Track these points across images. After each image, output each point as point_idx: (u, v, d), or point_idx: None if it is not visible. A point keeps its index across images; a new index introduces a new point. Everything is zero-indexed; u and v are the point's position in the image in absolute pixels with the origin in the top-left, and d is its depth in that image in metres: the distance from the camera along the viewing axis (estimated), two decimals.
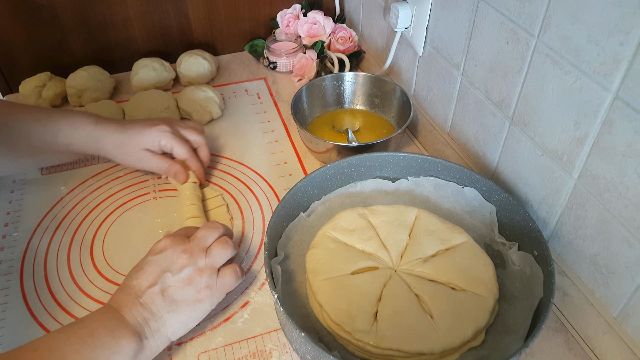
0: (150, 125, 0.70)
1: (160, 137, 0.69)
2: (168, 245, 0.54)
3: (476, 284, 0.54)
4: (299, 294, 0.58)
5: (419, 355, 0.50)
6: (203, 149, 0.74)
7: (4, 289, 0.61)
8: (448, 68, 0.72)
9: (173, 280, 0.52)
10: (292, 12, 1.03)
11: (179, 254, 0.53)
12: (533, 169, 0.59)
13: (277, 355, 0.55)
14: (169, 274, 0.52)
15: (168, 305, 0.51)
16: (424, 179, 0.68)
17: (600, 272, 0.52)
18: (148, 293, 0.51)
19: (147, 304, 0.50)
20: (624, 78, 0.44)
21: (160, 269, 0.52)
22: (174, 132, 0.71)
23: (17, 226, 0.69)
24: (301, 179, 0.63)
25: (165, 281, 0.52)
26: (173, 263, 0.53)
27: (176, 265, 0.53)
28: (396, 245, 0.59)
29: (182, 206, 0.69)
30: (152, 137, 0.69)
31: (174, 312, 0.51)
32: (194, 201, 0.69)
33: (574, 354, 0.55)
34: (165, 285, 0.51)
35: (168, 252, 0.53)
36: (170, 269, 0.52)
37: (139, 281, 0.51)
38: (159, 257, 0.53)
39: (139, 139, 0.69)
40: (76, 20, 0.93)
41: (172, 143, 0.70)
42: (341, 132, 0.83)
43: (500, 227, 0.62)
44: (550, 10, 0.50)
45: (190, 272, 0.53)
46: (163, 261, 0.53)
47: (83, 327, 0.47)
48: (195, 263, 0.53)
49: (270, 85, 0.98)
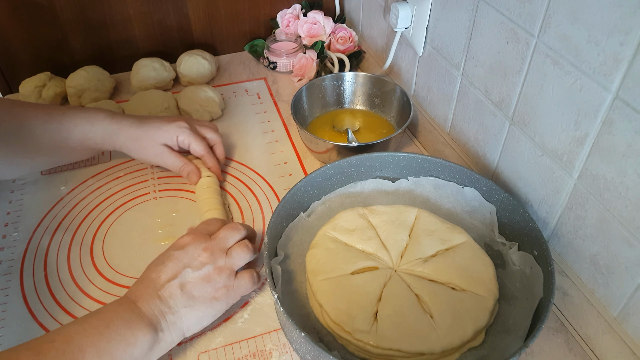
0: (168, 121, 0.71)
1: (178, 132, 0.70)
2: (190, 241, 0.55)
3: (476, 284, 0.54)
4: (299, 294, 0.58)
5: (419, 355, 0.50)
6: (219, 146, 0.75)
7: (4, 289, 0.61)
8: (448, 68, 0.72)
9: (192, 276, 0.53)
10: (292, 12, 1.03)
11: (200, 251, 0.54)
12: (533, 169, 0.59)
13: (277, 355, 0.55)
14: (189, 269, 0.53)
15: (186, 300, 0.52)
16: (424, 179, 0.68)
17: (600, 272, 0.52)
18: (167, 286, 0.51)
19: (165, 297, 0.51)
20: (624, 78, 0.44)
21: (181, 264, 0.53)
22: (191, 128, 0.71)
23: (17, 226, 0.69)
24: (301, 179, 0.63)
25: (185, 276, 0.52)
26: (194, 259, 0.54)
27: (196, 262, 0.53)
28: (396, 245, 0.59)
29: (199, 199, 0.69)
30: (171, 133, 0.70)
31: (191, 307, 0.52)
32: (212, 194, 0.69)
33: (574, 354, 0.55)
34: (185, 280, 0.52)
35: (190, 248, 0.54)
36: (191, 265, 0.53)
37: (159, 274, 0.52)
38: (180, 252, 0.54)
39: (156, 134, 0.70)
40: (76, 20, 0.93)
41: (189, 139, 0.71)
42: (341, 132, 0.83)
43: (500, 227, 0.62)
44: (550, 10, 0.50)
45: (210, 270, 0.54)
46: (184, 257, 0.54)
47: (99, 319, 0.47)
48: (215, 262, 0.54)
49: (270, 85, 0.98)
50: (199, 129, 0.73)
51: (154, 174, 0.77)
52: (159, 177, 0.77)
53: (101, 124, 0.68)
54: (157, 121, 0.71)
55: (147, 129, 0.69)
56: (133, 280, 0.56)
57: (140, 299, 0.50)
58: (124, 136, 0.69)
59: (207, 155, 0.73)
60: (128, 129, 0.69)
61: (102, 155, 0.81)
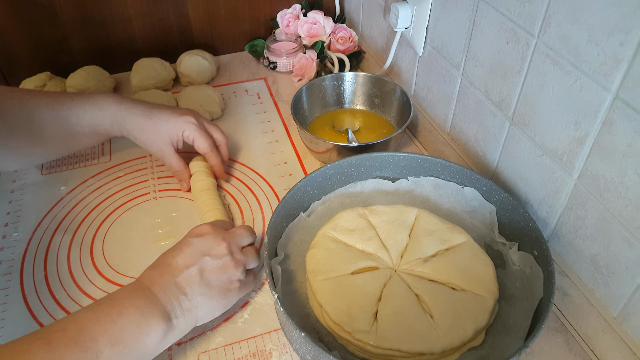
0: (177, 114, 0.70)
1: (185, 127, 0.70)
2: (209, 231, 0.55)
3: (476, 284, 0.54)
4: (299, 294, 0.58)
5: (419, 355, 0.50)
6: (224, 148, 0.75)
7: (4, 289, 0.61)
8: (448, 68, 0.72)
9: (211, 265, 0.52)
10: (292, 12, 1.03)
11: (220, 241, 0.54)
12: (533, 169, 0.59)
13: (277, 355, 0.55)
14: (208, 257, 0.53)
15: (203, 288, 0.51)
16: (424, 179, 0.68)
17: (600, 272, 0.52)
18: (185, 273, 0.51)
19: (182, 283, 0.50)
20: (624, 78, 0.44)
21: (199, 251, 0.53)
22: (199, 125, 0.71)
23: (17, 226, 0.69)
24: (301, 179, 0.63)
25: (203, 263, 0.52)
26: (212, 248, 0.53)
27: (215, 251, 0.53)
28: (396, 245, 0.59)
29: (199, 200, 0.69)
30: (178, 127, 0.69)
31: (207, 295, 0.52)
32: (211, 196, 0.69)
33: (574, 354, 0.55)
34: (203, 268, 0.52)
35: (209, 237, 0.54)
36: (210, 253, 0.53)
37: (176, 259, 0.52)
38: (198, 240, 0.54)
39: (163, 128, 0.69)
40: (76, 20, 0.93)
41: (195, 135, 0.70)
42: (341, 132, 0.83)
43: (500, 227, 0.62)
44: (550, 10, 0.50)
45: (228, 261, 0.54)
46: (203, 245, 0.53)
47: (112, 306, 0.47)
48: (233, 255, 0.54)
49: (270, 85, 0.98)
50: (207, 126, 0.73)
51: (154, 174, 0.77)
52: (159, 177, 0.77)
53: (110, 109, 0.67)
54: (166, 112, 0.70)
55: (155, 120, 0.69)
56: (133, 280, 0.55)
57: (156, 284, 0.49)
58: (132, 124, 0.68)
59: (210, 153, 0.72)
60: (136, 117, 0.68)
61: (102, 155, 0.81)
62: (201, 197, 0.69)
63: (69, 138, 0.68)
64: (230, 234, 0.56)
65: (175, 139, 0.70)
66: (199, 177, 0.71)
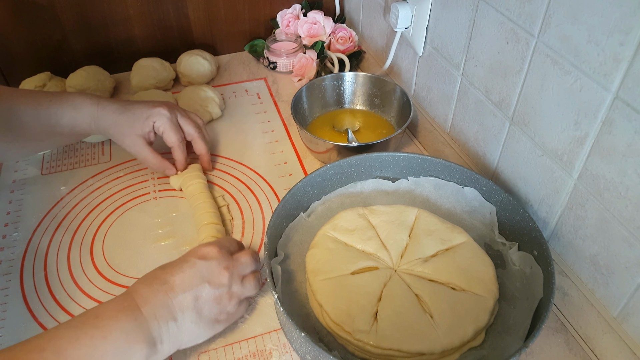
0: (150, 107, 0.69)
1: (156, 118, 0.69)
2: (215, 256, 0.53)
3: (476, 284, 0.54)
4: (299, 294, 0.58)
5: (419, 355, 0.50)
6: (198, 142, 0.73)
7: (4, 289, 0.61)
8: (448, 68, 0.72)
9: (208, 293, 0.51)
10: (292, 12, 1.03)
11: (222, 270, 0.52)
12: (533, 169, 0.59)
13: (277, 355, 0.55)
14: (207, 285, 0.51)
15: (194, 315, 0.50)
16: (424, 179, 0.68)
17: (600, 272, 0.52)
18: (180, 296, 0.49)
19: (175, 307, 0.49)
20: (624, 78, 0.44)
21: (200, 276, 0.51)
22: (171, 117, 0.70)
23: (17, 226, 0.69)
24: (301, 179, 0.63)
25: (201, 290, 0.50)
26: (214, 276, 0.51)
27: (217, 279, 0.51)
28: (396, 245, 0.59)
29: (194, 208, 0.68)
30: (149, 119, 0.69)
31: (196, 324, 0.50)
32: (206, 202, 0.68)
33: (574, 354, 0.55)
34: (199, 295, 0.50)
35: (213, 263, 0.52)
36: (211, 281, 0.51)
37: (174, 278, 0.50)
38: (202, 263, 0.52)
39: (136, 120, 0.68)
40: (76, 20, 0.93)
41: (165, 127, 0.69)
42: (341, 132, 0.83)
43: (500, 227, 0.62)
44: (550, 10, 0.50)
45: (223, 293, 0.52)
46: (205, 270, 0.51)
47: (96, 327, 0.44)
48: (230, 286, 0.52)
49: (270, 85, 0.98)
50: (180, 119, 0.71)
51: (154, 174, 0.77)
52: (159, 177, 0.77)
53: (87, 109, 0.68)
54: (140, 107, 0.69)
55: (128, 115, 0.68)
56: (133, 280, 0.56)
57: (148, 303, 0.47)
58: (107, 121, 0.68)
59: (176, 148, 0.71)
60: (111, 114, 0.68)
61: (102, 155, 0.81)
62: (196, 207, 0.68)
63: (49, 137, 0.69)
64: (235, 261, 0.54)
65: (147, 129, 0.69)
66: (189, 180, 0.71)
